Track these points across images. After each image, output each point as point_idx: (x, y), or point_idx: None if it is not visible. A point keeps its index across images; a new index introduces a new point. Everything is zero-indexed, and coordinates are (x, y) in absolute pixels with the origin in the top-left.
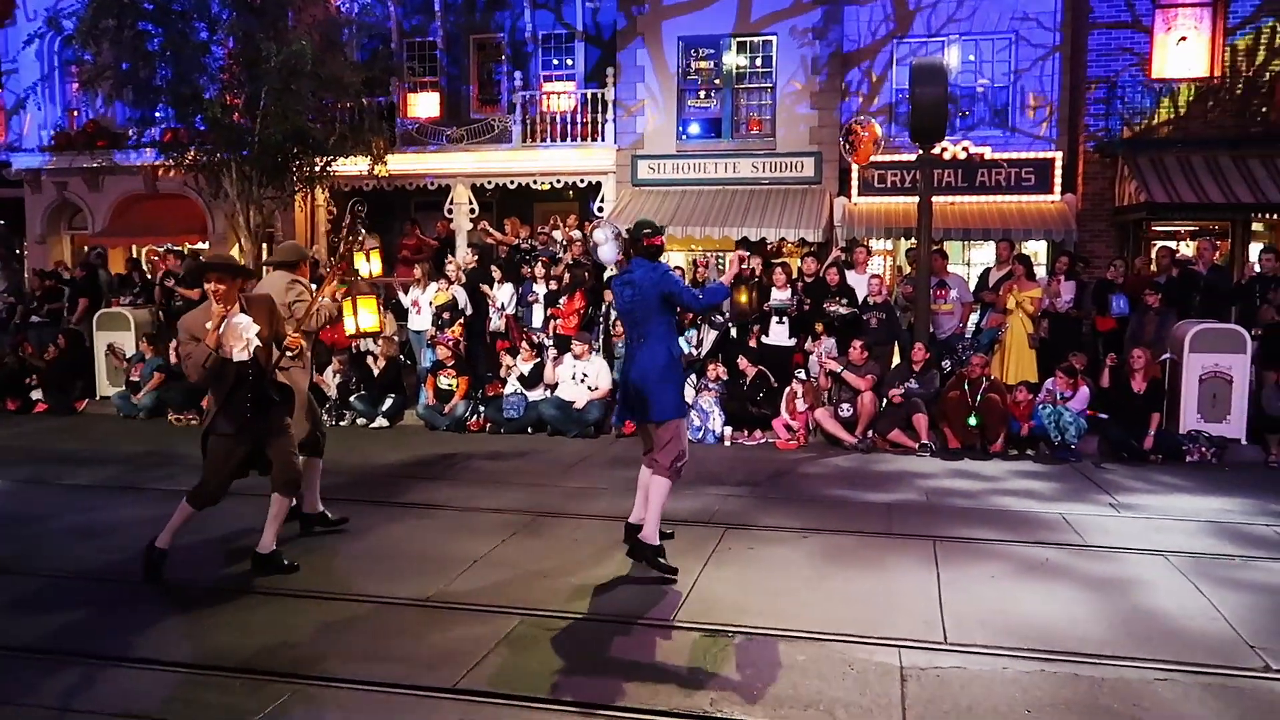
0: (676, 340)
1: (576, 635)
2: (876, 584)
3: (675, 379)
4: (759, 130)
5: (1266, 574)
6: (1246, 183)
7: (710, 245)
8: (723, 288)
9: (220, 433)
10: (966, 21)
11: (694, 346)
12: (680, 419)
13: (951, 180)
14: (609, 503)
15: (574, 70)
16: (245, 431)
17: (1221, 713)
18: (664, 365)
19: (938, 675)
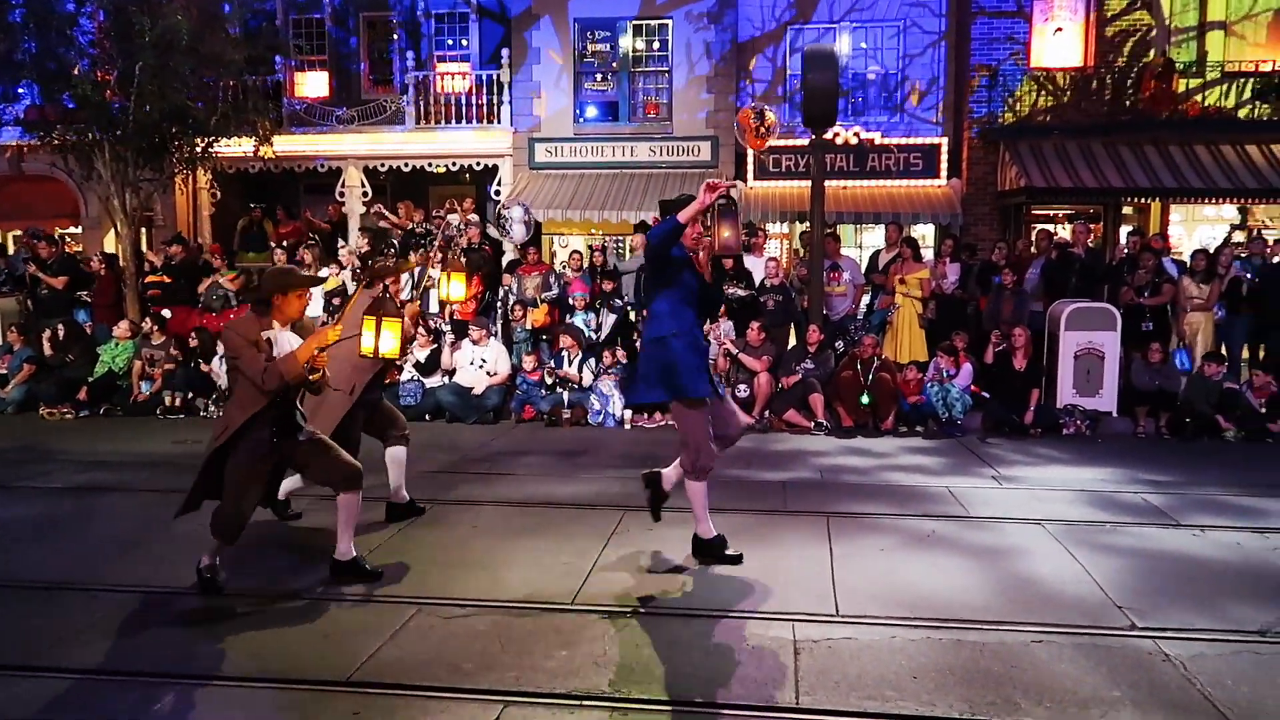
0: (680, 318)
1: (474, 623)
2: (772, 560)
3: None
4: (656, 114)
5: (1134, 538)
6: (1117, 168)
7: (609, 229)
8: (671, 221)
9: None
10: (858, 8)
11: (592, 330)
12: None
13: (844, 165)
14: (509, 489)
15: (469, 51)
16: (271, 455)
17: (1091, 670)
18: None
19: (829, 647)
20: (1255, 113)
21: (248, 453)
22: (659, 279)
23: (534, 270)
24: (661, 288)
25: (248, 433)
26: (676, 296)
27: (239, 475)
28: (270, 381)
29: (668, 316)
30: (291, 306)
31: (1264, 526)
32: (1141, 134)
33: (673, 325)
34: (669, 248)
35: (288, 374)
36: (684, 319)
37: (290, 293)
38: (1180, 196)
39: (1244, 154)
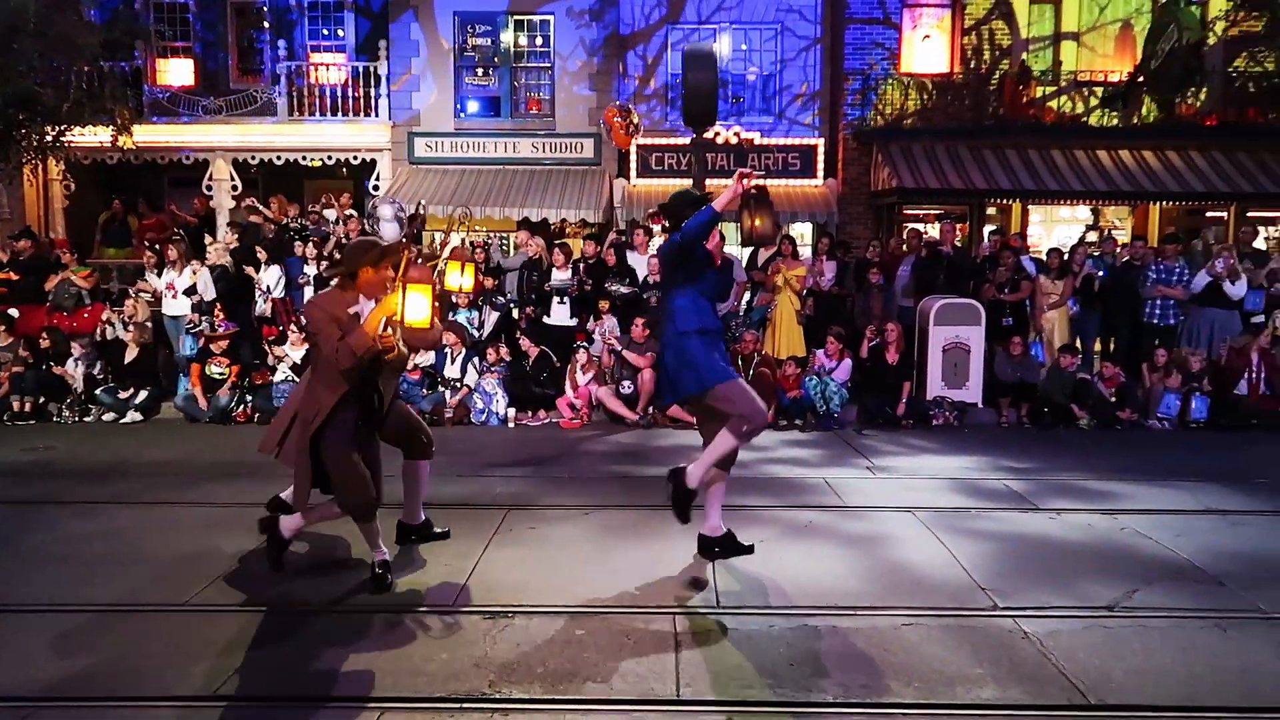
0: (702, 312)
1: (352, 627)
2: (655, 555)
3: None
4: (538, 110)
5: (996, 523)
6: (981, 171)
7: (492, 225)
8: (707, 210)
9: (335, 440)
10: (736, 10)
11: (475, 328)
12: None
13: (724, 163)
14: (391, 490)
15: (345, 41)
16: (358, 437)
17: (956, 650)
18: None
19: (710, 639)
20: (1104, 119)
21: (336, 438)
22: (682, 272)
23: None
24: (683, 281)
25: (334, 416)
26: (696, 290)
27: (338, 463)
28: (343, 359)
29: (691, 312)
30: (377, 280)
31: (1113, 508)
32: (1003, 138)
33: (695, 321)
34: (704, 239)
35: (358, 349)
36: (705, 312)
37: (375, 266)
38: (1038, 198)
39: (1095, 158)
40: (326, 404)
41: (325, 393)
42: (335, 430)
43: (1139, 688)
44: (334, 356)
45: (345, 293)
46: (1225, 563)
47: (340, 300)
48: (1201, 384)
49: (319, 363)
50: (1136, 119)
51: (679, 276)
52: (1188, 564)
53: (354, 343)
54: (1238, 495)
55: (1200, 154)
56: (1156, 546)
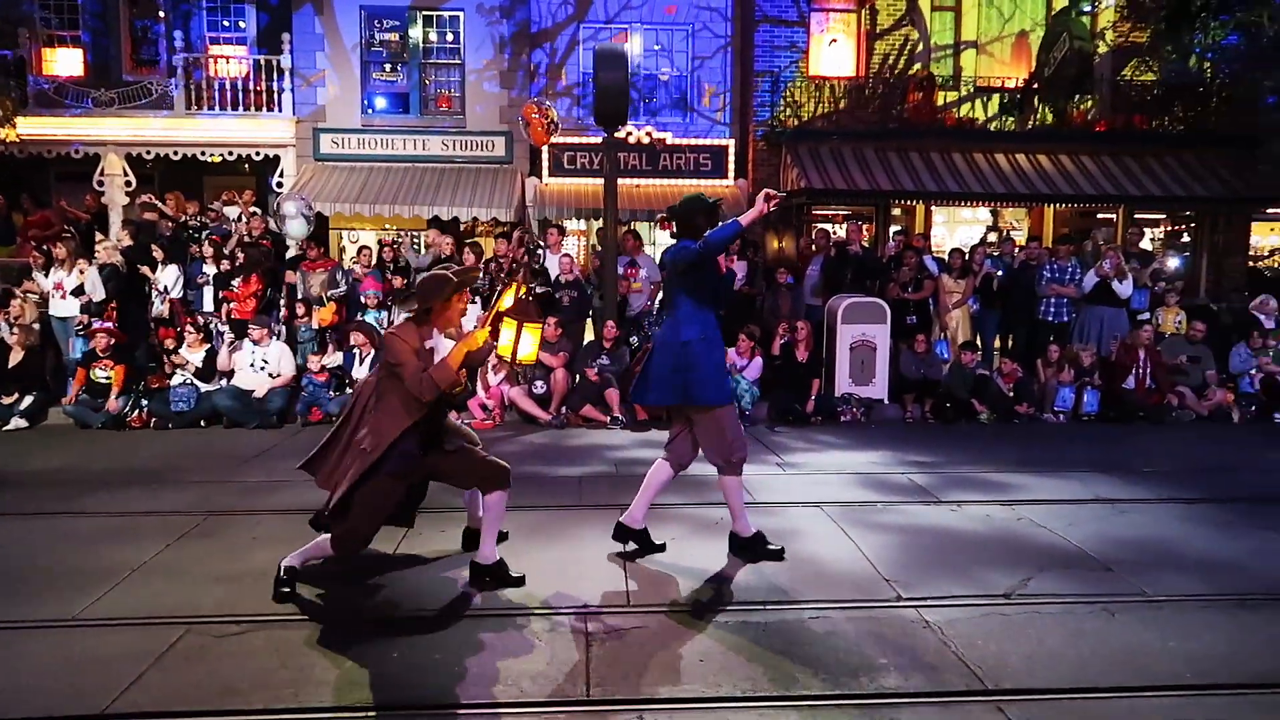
0: (705, 321)
1: (252, 641)
2: (566, 555)
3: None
4: (449, 107)
5: (901, 516)
6: (887, 172)
7: (402, 224)
8: (734, 224)
9: (390, 472)
10: (647, 9)
11: (385, 328)
12: (720, 406)
13: (636, 163)
14: (293, 496)
15: (245, 33)
16: (415, 470)
17: (861, 640)
18: (683, 346)
19: (621, 637)
20: (1002, 124)
21: (392, 467)
22: (691, 280)
23: (320, 267)
24: (689, 289)
25: (395, 448)
26: (701, 298)
27: (373, 493)
28: (427, 391)
29: (694, 321)
30: (452, 312)
31: (1010, 499)
32: (907, 141)
33: (699, 330)
34: (724, 250)
35: (442, 382)
36: (708, 322)
37: (449, 299)
38: (940, 199)
39: (994, 162)
40: (390, 434)
41: (390, 423)
42: (393, 462)
43: (1033, 672)
44: (418, 387)
45: (420, 327)
46: (1113, 549)
47: (416, 334)
48: (1093, 379)
49: (387, 393)
50: (1032, 124)
51: (685, 282)
52: (1078, 551)
53: (438, 376)
54: (1125, 484)
55: (1091, 158)
56: (1050, 535)
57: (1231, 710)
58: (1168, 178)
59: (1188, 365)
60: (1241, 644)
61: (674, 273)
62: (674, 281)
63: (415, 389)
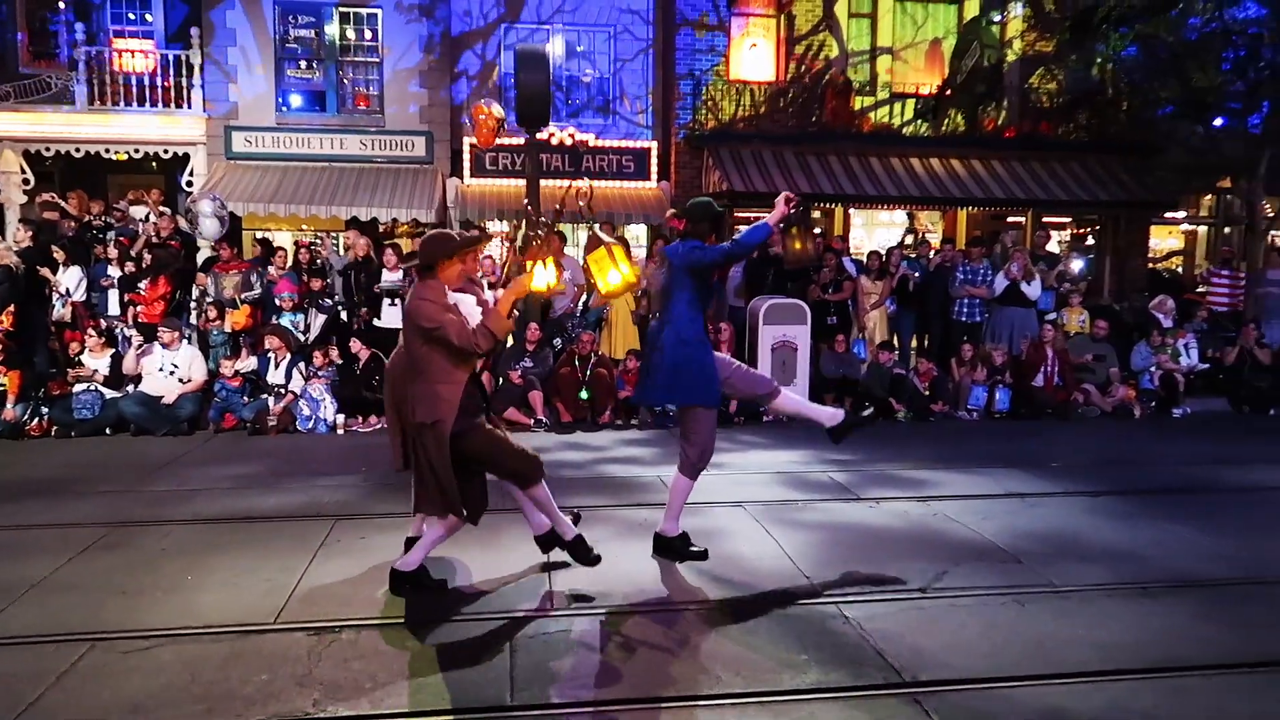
0: (696, 323)
1: (161, 654)
2: (489, 560)
3: (706, 362)
4: (367, 106)
5: (821, 514)
6: (807, 175)
7: (319, 225)
8: (764, 227)
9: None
10: (571, 11)
11: (300, 332)
12: (710, 408)
13: (559, 164)
14: (205, 504)
15: (153, 27)
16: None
17: (783, 637)
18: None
19: (545, 642)
20: (917, 130)
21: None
22: (693, 282)
23: (233, 268)
24: (690, 290)
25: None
26: (698, 301)
27: (484, 443)
28: (484, 341)
29: (691, 321)
30: (455, 270)
31: (926, 495)
32: (826, 144)
33: (695, 330)
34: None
35: (498, 330)
36: (698, 323)
37: (455, 256)
38: (858, 202)
39: (909, 166)
40: (452, 397)
41: (445, 387)
42: (466, 415)
43: (949, 663)
44: (473, 341)
45: (434, 284)
46: (1023, 542)
47: (442, 291)
48: (1004, 377)
49: (429, 361)
50: (945, 130)
51: (693, 282)
52: (990, 544)
53: (494, 325)
54: (1034, 479)
55: (1001, 163)
56: (964, 529)
57: (1133, 694)
58: (1072, 183)
59: (1093, 363)
60: (1143, 631)
61: (685, 272)
62: (682, 280)
63: (468, 343)
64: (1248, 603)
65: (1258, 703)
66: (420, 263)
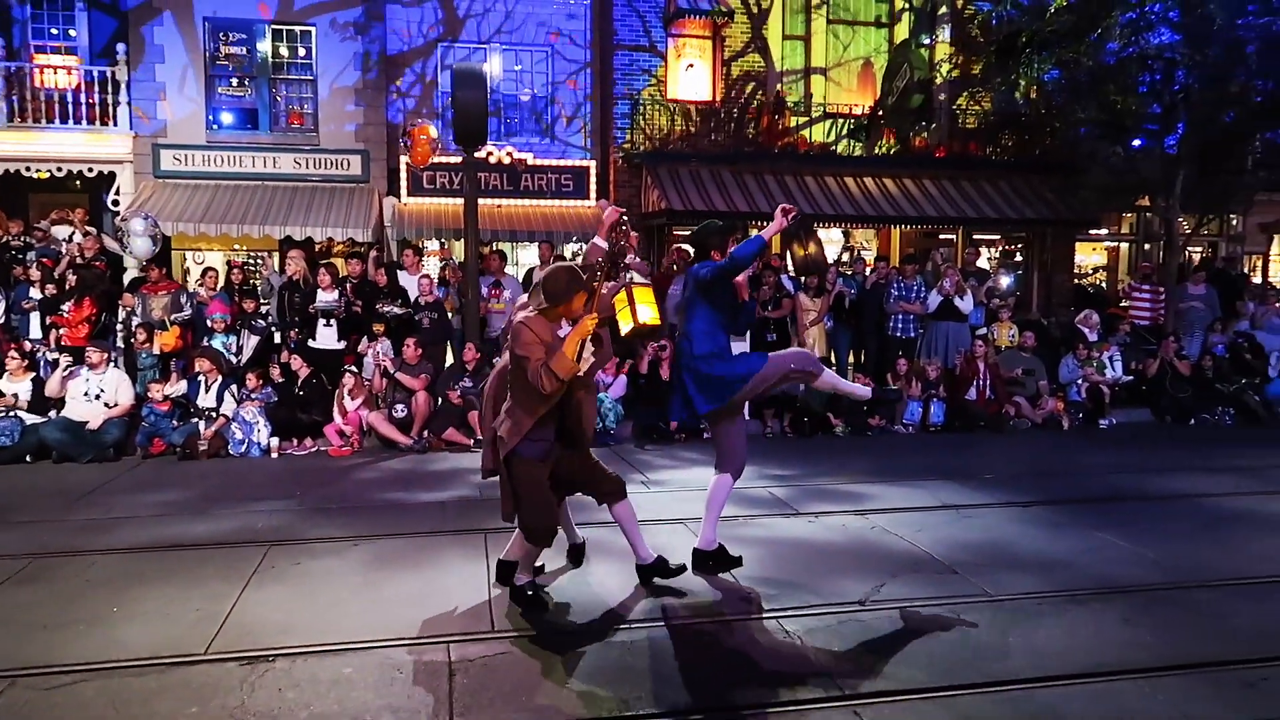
0: (715, 338)
1: (83, 690)
2: (427, 583)
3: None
4: (301, 125)
5: (761, 529)
6: (743, 194)
7: (252, 244)
8: (758, 239)
9: (529, 456)
10: (507, 31)
11: (233, 354)
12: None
13: (498, 184)
14: (131, 533)
15: (77, 43)
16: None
17: (726, 653)
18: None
19: (484, 665)
20: (851, 149)
21: (528, 457)
22: (711, 296)
23: (161, 289)
24: (709, 306)
25: (530, 435)
26: (717, 318)
27: (524, 483)
28: (548, 382)
29: (708, 335)
30: (575, 306)
31: (864, 509)
32: (762, 164)
33: (713, 345)
34: (749, 265)
35: (561, 372)
36: (718, 339)
37: (580, 293)
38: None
39: (844, 184)
40: (524, 425)
41: (523, 415)
42: (529, 448)
43: (887, 674)
44: (537, 380)
45: (551, 322)
46: (958, 552)
47: (549, 326)
48: (938, 391)
49: (518, 384)
50: (878, 150)
51: (707, 298)
52: (927, 556)
53: (556, 367)
54: (969, 490)
55: (932, 182)
56: (901, 542)
57: (1065, 699)
58: (1001, 201)
59: (1023, 377)
60: (1072, 637)
61: (696, 289)
62: (695, 298)
63: (536, 380)
64: (1170, 607)
65: (1182, 704)
66: (545, 300)
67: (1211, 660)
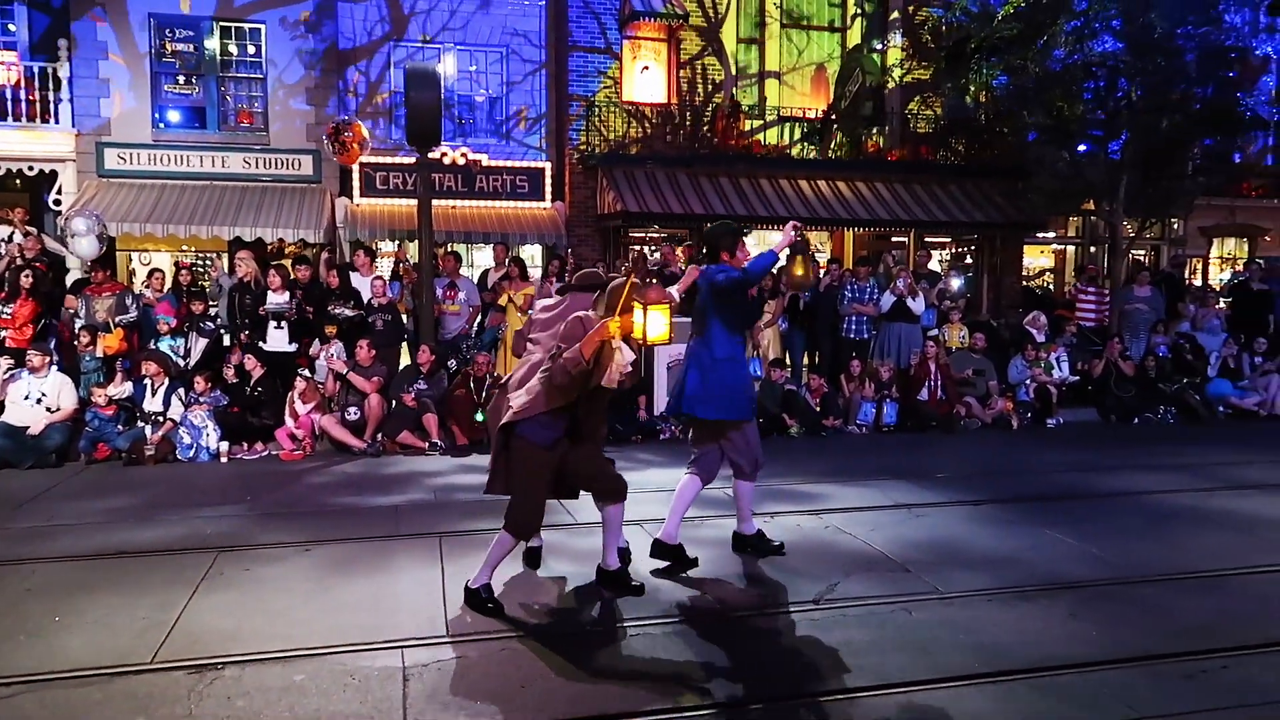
0: (733, 343)
1: (22, 702)
2: (380, 588)
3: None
4: (250, 124)
5: (717, 530)
6: (699, 196)
7: (201, 245)
8: (770, 254)
9: (532, 439)
10: (462, 31)
11: (181, 356)
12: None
13: (452, 185)
14: (74, 541)
15: (15, 38)
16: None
17: (683, 653)
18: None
19: (439, 669)
20: (804, 152)
21: (534, 434)
22: (724, 305)
23: (106, 290)
24: (722, 313)
25: (540, 422)
26: (733, 322)
27: (525, 471)
28: (558, 375)
29: (726, 341)
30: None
31: (818, 509)
32: (717, 166)
33: (730, 349)
34: (764, 277)
35: (569, 364)
36: (736, 344)
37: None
38: (750, 223)
39: (798, 187)
40: (537, 406)
41: (541, 397)
42: (537, 432)
43: (840, 673)
44: (561, 370)
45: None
46: (910, 551)
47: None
48: (891, 392)
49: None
50: (831, 153)
51: (722, 305)
52: (880, 555)
53: (566, 357)
54: (921, 490)
55: (884, 185)
56: (854, 541)
57: (1012, 694)
58: (951, 204)
59: (974, 377)
60: (1021, 633)
61: (713, 293)
62: (711, 303)
63: (558, 370)
64: (1115, 602)
65: (1127, 695)
66: (607, 310)
67: (1154, 654)
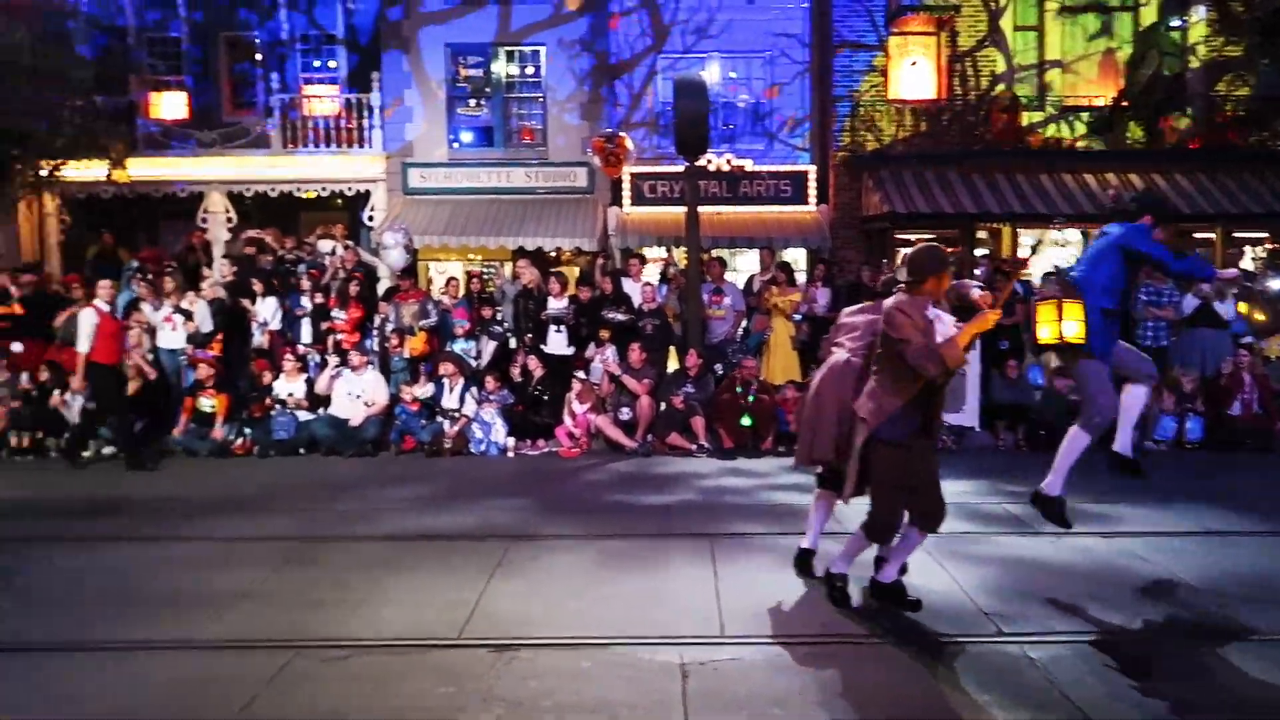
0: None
1: (355, 665)
2: (657, 585)
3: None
4: (531, 140)
5: (996, 547)
6: (971, 195)
7: (488, 255)
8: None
9: (889, 439)
10: (724, 38)
11: (473, 358)
12: None
13: (717, 190)
14: (389, 524)
15: (337, 73)
16: (914, 446)
17: (962, 676)
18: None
19: (715, 669)
20: (1091, 145)
21: (889, 434)
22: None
23: (411, 297)
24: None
25: (896, 419)
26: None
27: (884, 459)
28: (933, 366)
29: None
30: (941, 286)
31: (1111, 531)
32: (991, 163)
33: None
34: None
35: (950, 359)
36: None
37: (943, 272)
38: (1027, 221)
39: (1081, 181)
40: (889, 408)
41: (888, 397)
42: (890, 430)
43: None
44: (921, 360)
45: (918, 298)
46: (1223, 583)
47: (921, 308)
48: (1195, 405)
49: (885, 366)
50: (1122, 143)
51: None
52: (1186, 585)
53: (947, 353)
54: (1232, 515)
55: (1185, 176)
56: (1151, 567)
57: None
58: (1268, 193)
59: None
60: None
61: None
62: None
63: (918, 363)
64: None
65: None
66: (909, 276)
67: None
